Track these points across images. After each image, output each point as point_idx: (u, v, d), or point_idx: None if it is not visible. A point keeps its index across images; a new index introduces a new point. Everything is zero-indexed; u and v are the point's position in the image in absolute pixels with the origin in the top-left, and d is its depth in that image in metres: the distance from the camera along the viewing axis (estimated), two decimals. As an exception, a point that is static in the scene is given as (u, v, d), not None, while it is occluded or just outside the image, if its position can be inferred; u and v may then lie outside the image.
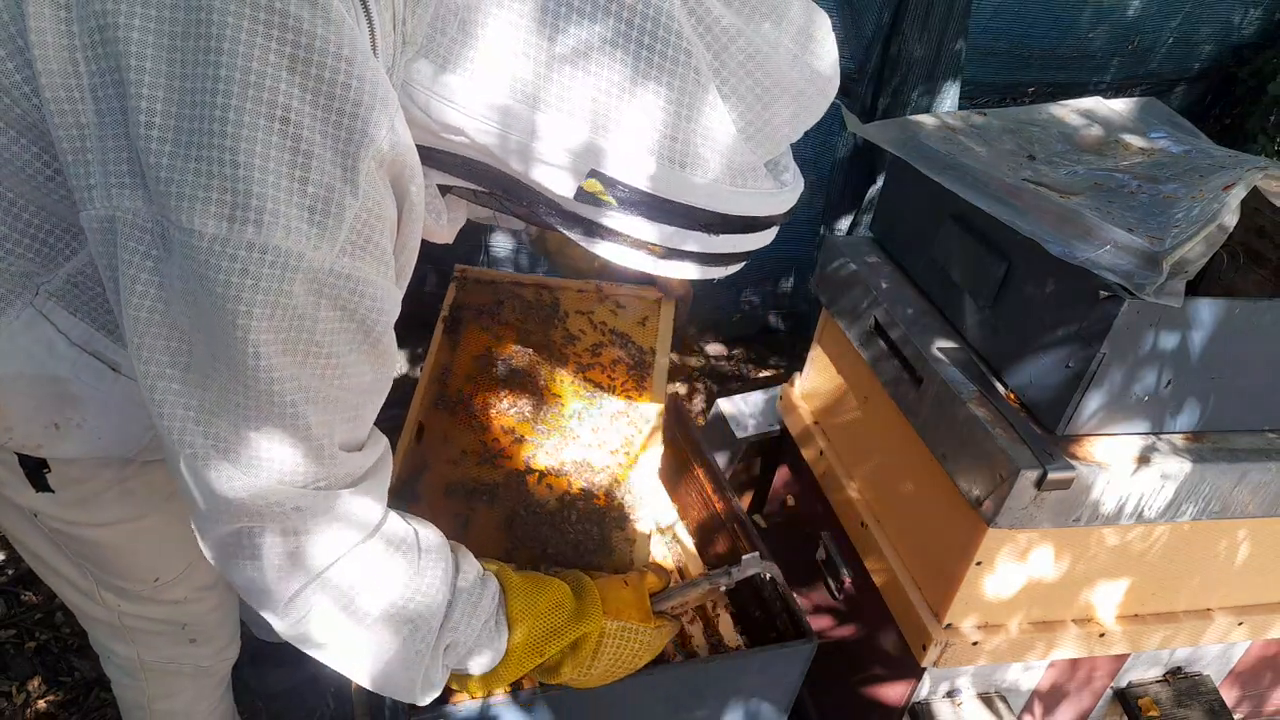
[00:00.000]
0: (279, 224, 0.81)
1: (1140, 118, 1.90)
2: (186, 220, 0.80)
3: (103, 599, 1.46)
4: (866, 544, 1.78)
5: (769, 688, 1.50)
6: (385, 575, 1.03)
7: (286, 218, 0.82)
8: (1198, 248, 1.35)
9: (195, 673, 1.64)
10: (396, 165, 0.89)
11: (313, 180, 0.82)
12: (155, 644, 1.56)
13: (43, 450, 1.18)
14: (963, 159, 1.57)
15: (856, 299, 1.80)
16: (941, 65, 2.75)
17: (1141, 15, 3.42)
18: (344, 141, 0.83)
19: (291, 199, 0.82)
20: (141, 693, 1.63)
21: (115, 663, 1.61)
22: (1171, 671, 1.88)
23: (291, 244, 0.82)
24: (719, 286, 3.39)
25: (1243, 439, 1.53)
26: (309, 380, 0.89)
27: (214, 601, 1.58)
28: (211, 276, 0.81)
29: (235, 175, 0.79)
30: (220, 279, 0.81)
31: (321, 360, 0.89)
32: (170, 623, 1.53)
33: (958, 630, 1.58)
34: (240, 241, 0.81)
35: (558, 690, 1.32)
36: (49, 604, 2.38)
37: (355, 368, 0.93)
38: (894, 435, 1.71)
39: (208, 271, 0.81)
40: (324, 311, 0.87)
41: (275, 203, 0.81)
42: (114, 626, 1.51)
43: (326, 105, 0.81)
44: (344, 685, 2.04)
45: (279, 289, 0.83)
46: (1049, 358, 1.44)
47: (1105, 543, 1.54)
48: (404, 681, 1.08)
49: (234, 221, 0.80)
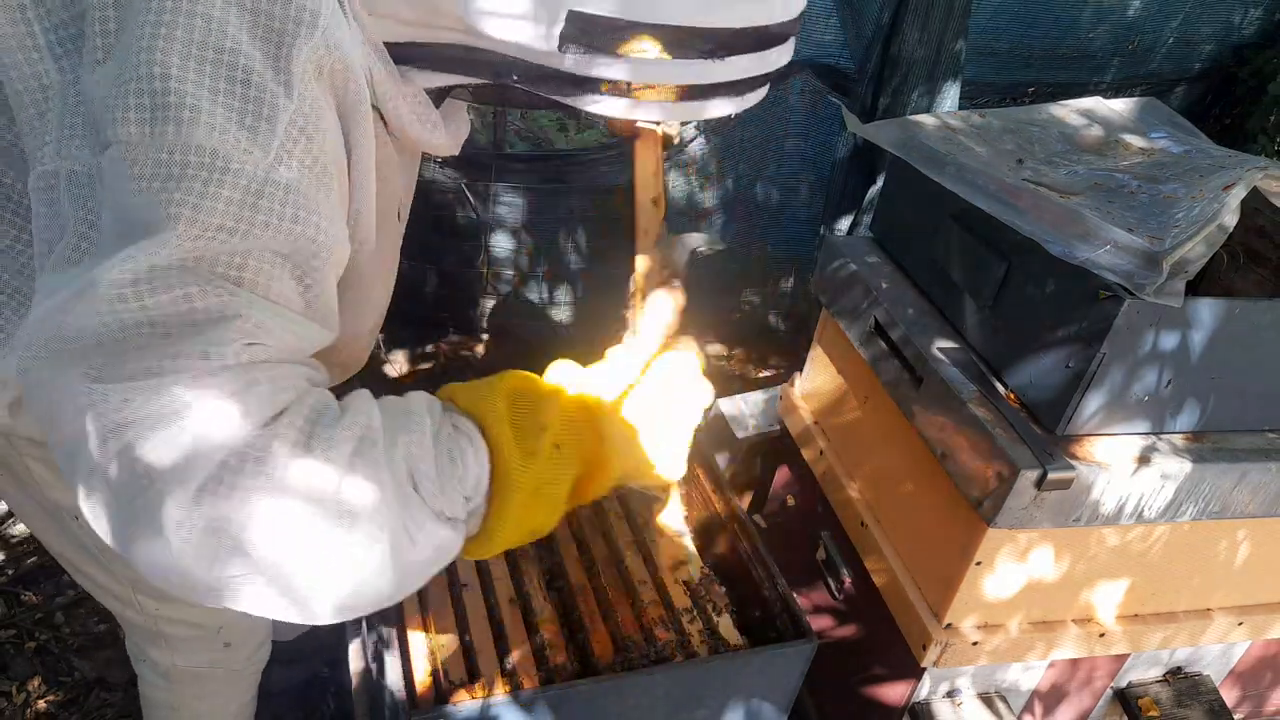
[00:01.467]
0: (200, 121, 0.76)
1: (1140, 118, 1.90)
2: (111, 134, 0.77)
3: (140, 603, 1.45)
4: (866, 544, 1.78)
5: (769, 688, 1.50)
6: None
7: (210, 115, 0.77)
8: (1198, 248, 1.35)
9: (227, 676, 1.64)
10: (339, 76, 0.84)
11: (240, 79, 0.78)
12: (190, 648, 1.55)
13: None
14: (963, 159, 1.57)
15: (856, 299, 1.80)
16: (941, 65, 2.75)
17: (1142, 15, 3.42)
18: (275, 38, 0.79)
19: (216, 98, 0.77)
20: (172, 695, 1.63)
21: (147, 664, 1.61)
22: (1171, 671, 1.88)
23: (217, 144, 0.77)
24: (719, 287, 3.40)
25: (1243, 439, 1.53)
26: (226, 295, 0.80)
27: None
28: (134, 188, 0.76)
29: (152, 74, 0.76)
30: (142, 186, 0.76)
31: (247, 277, 0.81)
32: (206, 626, 1.53)
33: (958, 630, 1.58)
34: (161, 143, 0.76)
35: (558, 690, 1.32)
36: (49, 604, 2.39)
37: (279, 293, 0.84)
38: (894, 435, 1.71)
39: (130, 182, 0.76)
40: (257, 228, 0.79)
41: (196, 99, 0.76)
42: (150, 631, 1.51)
43: (254, 5, 0.78)
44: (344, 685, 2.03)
45: (203, 191, 0.77)
46: (1049, 358, 1.44)
47: (1105, 543, 1.55)
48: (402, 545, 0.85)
49: (154, 123, 0.76)
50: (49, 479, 1.25)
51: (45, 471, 1.24)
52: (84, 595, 2.40)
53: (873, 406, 1.80)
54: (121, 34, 0.79)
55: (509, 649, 1.42)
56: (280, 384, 0.81)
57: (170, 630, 1.50)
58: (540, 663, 1.41)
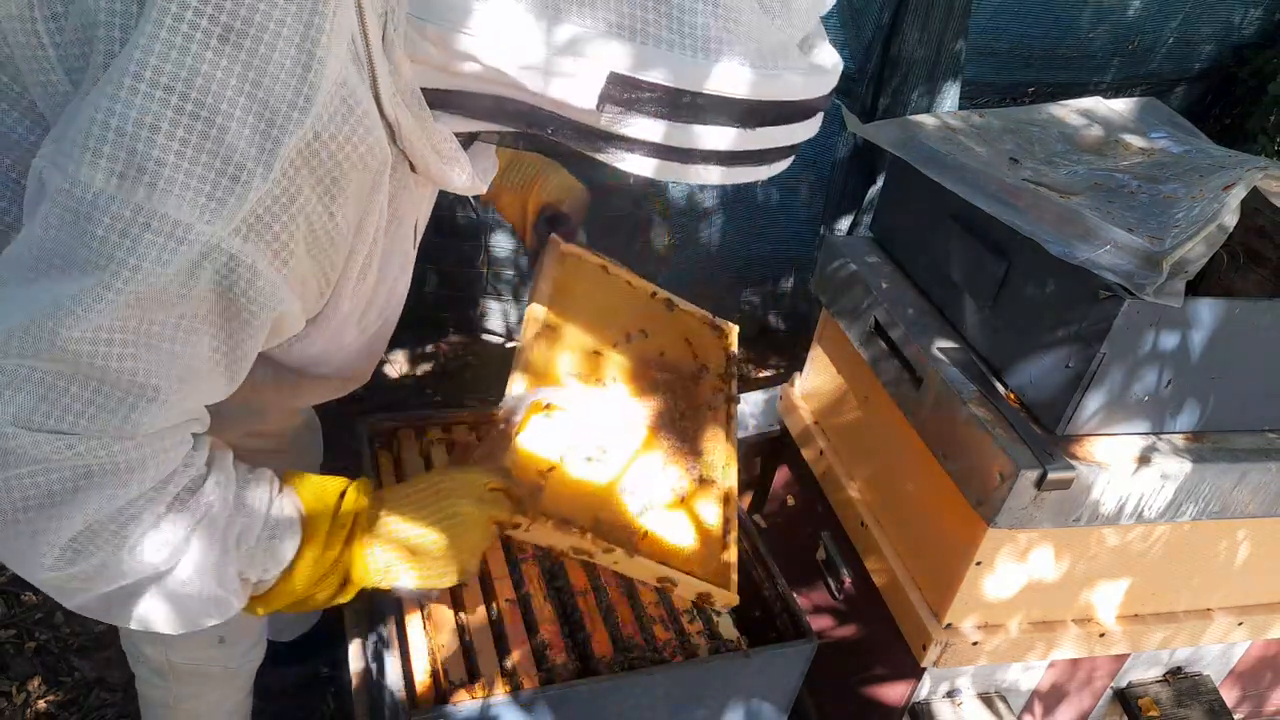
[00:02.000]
0: (173, 192, 0.79)
1: (1140, 118, 1.90)
2: (74, 170, 0.78)
3: None
4: (866, 544, 1.78)
5: (769, 688, 1.50)
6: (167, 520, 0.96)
7: (183, 186, 0.79)
8: (1198, 248, 1.35)
9: (223, 674, 1.64)
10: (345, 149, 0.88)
11: (222, 153, 0.80)
12: (185, 645, 1.56)
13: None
14: (963, 159, 1.57)
15: (856, 299, 1.80)
16: (941, 65, 2.75)
17: (1142, 15, 3.42)
18: (268, 121, 0.81)
19: (195, 168, 0.80)
20: (168, 692, 1.63)
21: (144, 662, 1.61)
22: (1172, 671, 1.88)
23: (182, 215, 0.80)
24: (719, 286, 3.40)
25: (1243, 439, 1.53)
26: (151, 355, 0.86)
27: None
28: (89, 232, 0.79)
29: (137, 134, 0.78)
30: (98, 235, 0.79)
31: (167, 336, 0.86)
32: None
33: (958, 630, 1.58)
34: (127, 201, 0.79)
35: (558, 690, 1.32)
36: (49, 604, 2.38)
37: (196, 348, 0.89)
38: (894, 435, 1.71)
39: (86, 226, 0.79)
40: (198, 288, 0.84)
41: (174, 170, 0.79)
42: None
43: (255, 83, 0.80)
44: (344, 685, 2.04)
45: (156, 257, 0.80)
46: (1049, 358, 1.44)
47: (1105, 543, 1.55)
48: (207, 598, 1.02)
49: (124, 179, 0.78)
50: None
51: None
52: (84, 595, 2.39)
53: (873, 406, 1.80)
54: (113, 44, 0.80)
55: (509, 649, 1.42)
56: (168, 455, 0.94)
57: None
58: (540, 663, 1.41)
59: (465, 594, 1.51)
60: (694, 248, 3.24)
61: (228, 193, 0.81)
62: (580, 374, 1.50)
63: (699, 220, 3.20)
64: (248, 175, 0.82)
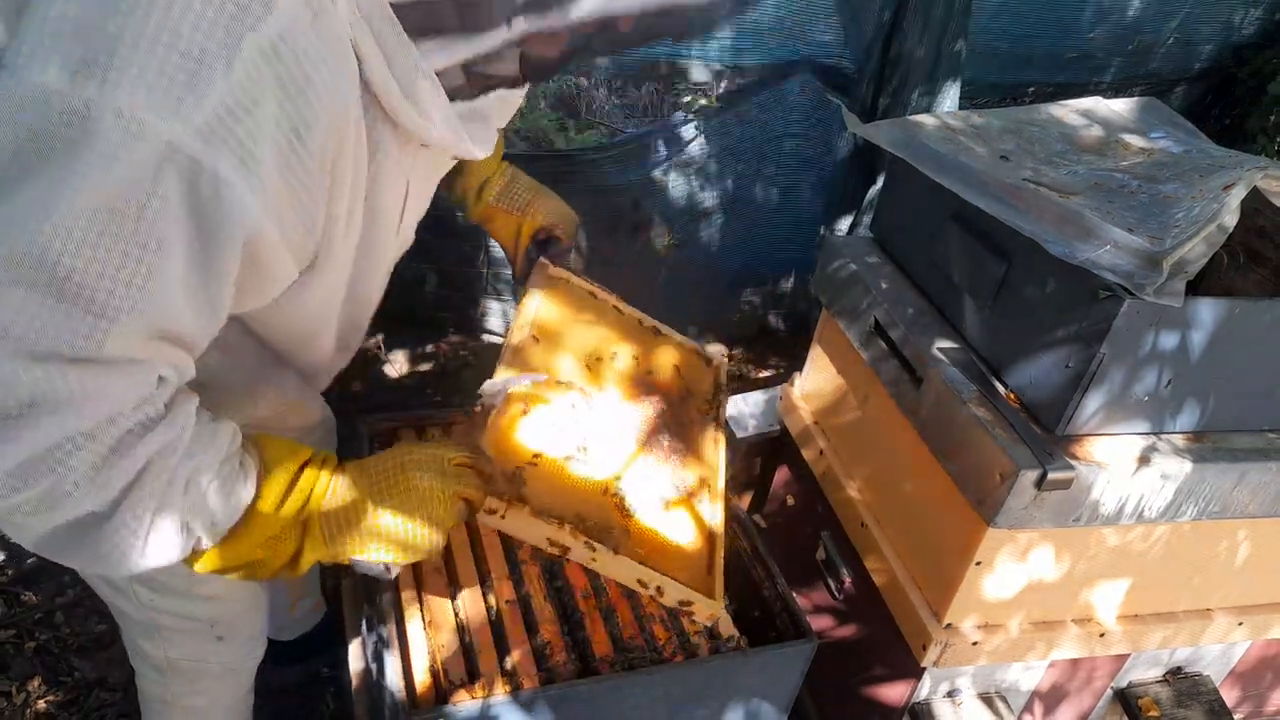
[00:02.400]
0: (124, 84, 0.78)
1: (1140, 118, 1.90)
2: (27, 72, 0.77)
3: (135, 593, 1.45)
4: (866, 544, 1.78)
5: (769, 688, 1.50)
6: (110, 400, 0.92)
7: (135, 80, 0.78)
8: (1198, 248, 1.35)
9: (221, 671, 1.65)
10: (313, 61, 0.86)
11: (180, 48, 0.79)
12: (183, 641, 1.56)
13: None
14: (963, 159, 1.57)
15: (856, 299, 1.80)
16: (941, 66, 2.75)
17: (1141, 15, 3.42)
18: (230, 16, 0.81)
19: (150, 61, 0.78)
20: (167, 689, 1.64)
21: (142, 658, 1.61)
22: (1172, 671, 1.88)
23: (137, 110, 0.78)
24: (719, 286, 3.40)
25: (1243, 439, 1.53)
26: (118, 267, 0.83)
27: (245, 600, 1.59)
28: (44, 130, 0.77)
29: (88, 28, 0.77)
30: (50, 132, 0.77)
31: (136, 245, 0.83)
32: (200, 619, 1.54)
33: (958, 630, 1.58)
34: (80, 97, 0.77)
35: (558, 690, 1.32)
36: (49, 604, 2.39)
37: (169, 261, 0.86)
38: (894, 435, 1.71)
39: (40, 124, 0.77)
40: (163, 193, 0.81)
41: (129, 62, 0.77)
42: (144, 624, 1.51)
43: None
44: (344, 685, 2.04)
45: (112, 153, 0.78)
46: (1049, 358, 1.44)
47: (1105, 543, 1.55)
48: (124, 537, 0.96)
49: (76, 75, 0.77)
50: None
51: None
52: (84, 595, 2.40)
53: (873, 406, 1.81)
54: None
55: (509, 649, 1.42)
56: (127, 389, 0.91)
57: (163, 622, 1.51)
58: (540, 663, 1.41)
59: (465, 594, 1.51)
60: (694, 248, 3.24)
61: (186, 89, 0.80)
62: (565, 382, 1.49)
63: (699, 220, 3.20)
64: (207, 71, 0.80)
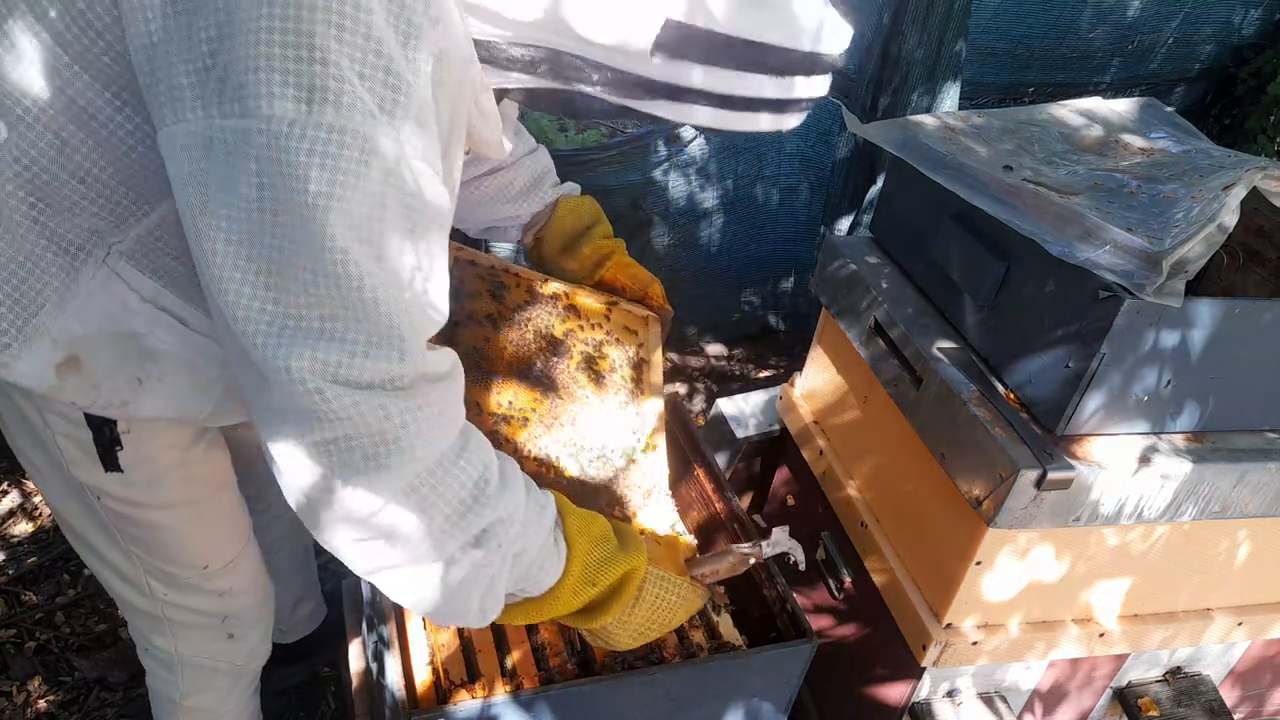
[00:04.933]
0: (358, 107, 0.83)
1: (1140, 118, 1.90)
2: (266, 108, 0.81)
3: (149, 588, 1.47)
4: (866, 544, 1.78)
5: (769, 688, 1.50)
6: (469, 481, 1.01)
7: (364, 101, 0.84)
8: (1197, 248, 1.35)
9: (229, 670, 1.65)
10: (456, 66, 0.93)
11: (382, 66, 0.85)
12: (194, 638, 1.57)
13: (128, 408, 1.20)
14: (963, 159, 1.57)
15: (856, 299, 1.80)
16: (941, 66, 2.75)
17: (1141, 16, 3.42)
18: (404, 29, 0.86)
19: (362, 83, 0.84)
20: (175, 687, 1.64)
21: (152, 654, 1.62)
22: (1171, 671, 1.88)
23: (369, 128, 0.84)
24: (719, 286, 3.40)
25: (1242, 439, 1.53)
26: (386, 273, 0.89)
27: (256, 596, 1.61)
28: (290, 162, 0.82)
29: (312, 58, 0.81)
30: (300, 161, 0.82)
31: (394, 249, 0.90)
32: (212, 614, 1.55)
33: (957, 630, 1.58)
34: (320, 124, 0.82)
35: (558, 690, 1.32)
36: (49, 604, 2.39)
37: (404, 258, 0.94)
38: (894, 435, 1.71)
39: (285, 156, 0.82)
40: (390, 199, 0.88)
41: (352, 85, 0.83)
42: (156, 618, 1.52)
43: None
44: (345, 685, 2.04)
45: (358, 172, 0.84)
46: (1049, 357, 1.44)
47: (1105, 543, 1.55)
48: (467, 602, 1.06)
49: (311, 104, 0.82)
50: (77, 457, 1.27)
51: (75, 450, 1.26)
52: (84, 595, 2.40)
53: (873, 406, 1.81)
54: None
55: (509, 649, 1.42)
56: (451, 410, 1.01)
57: (176, 616, 1.52)
58: (540, 663, 1.41)
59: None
60: (694, 248, 3.24)
61: (393, 103, 0.86)
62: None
63: (699, 220, 3.20)
64: (405, 85, 0.86)
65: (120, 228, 1.08)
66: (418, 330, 0.94)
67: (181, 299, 1.15)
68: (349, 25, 0.82)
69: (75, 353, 1.13)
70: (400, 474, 0.93)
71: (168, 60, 0.86)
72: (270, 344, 0.87)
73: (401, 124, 0.87)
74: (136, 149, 1.02)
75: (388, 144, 0.86)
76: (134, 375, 1.17)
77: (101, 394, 1.17)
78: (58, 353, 1.12)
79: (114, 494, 1.32)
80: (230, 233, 0.85)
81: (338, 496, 0.92)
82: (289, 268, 0.85)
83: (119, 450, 1.27)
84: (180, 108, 0.86)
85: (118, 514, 1.36)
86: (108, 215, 1.07)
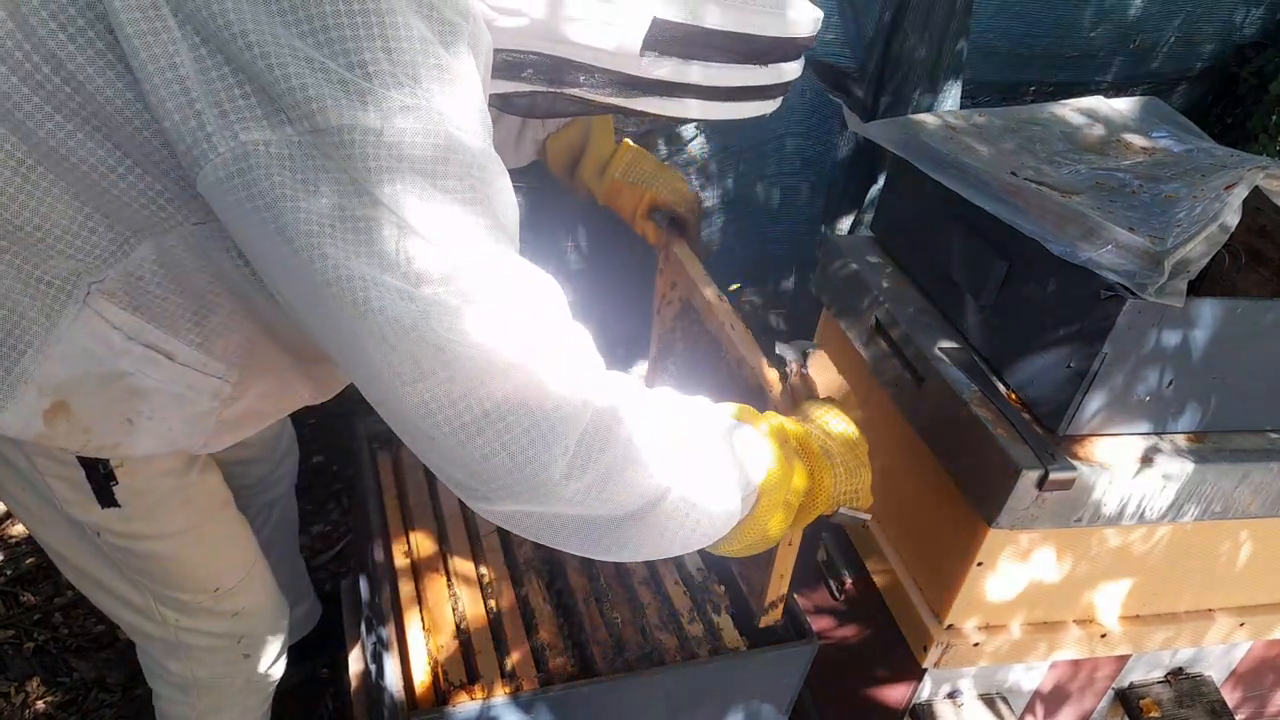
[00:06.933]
0: (433, 103, 0.86)
1: (1142, 117, 1.89)
2: (335, 119, 0.83)
3: (161, 615, 1.45)
4: (867, 544, 1.78)
5: (769, 689, 1.49)
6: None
7: (437, 99, 0.86)
8: (1199, 247, 1.34)
9: (245, 687, 1.63)
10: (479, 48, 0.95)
11: (440, 58, 0.87)
12: (210, 659, 1.55)
13: (120, 449, 1.18)
14: (964, 158, 1.56)
15: (857, 299, 1.79)
16: (943, 65, 2.74)
17: (1143, 15, 3.42)
18: (442, 31, 0.88)
19: (431, 83, 0.86)
20: (191, 709, 1.62)
21: (167, 680, 1.59)
22: (1173, 672, 1.87)
23: (436, 124, 0.86)
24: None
25: (1245, 439, 1.53)
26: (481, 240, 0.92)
27: (270, 612, 1.58)
28: (368, 168, 0.84)
29: (390, 55, 0.84)
30: (371, 166, 0.84)
31: (467, 228, 0.91)
32: (228, 636, 1.53)
33: (959, 631, 1.58)
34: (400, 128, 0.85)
35: (558, 691, 1.31)
36: (47, 605, 2.38)
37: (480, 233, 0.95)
38: (894, 435, 1.70)
39: (367, 163, 0.84)
40: (451, 181, 0.89)
41: (428, 84, 0.86)
42: (170, 643, 1.50)
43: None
44: (343, 686, 2.03)
45: (433, 170, 0.86)
46: (1050, 357, 1.44)
47: (1107, 543, 1.54)
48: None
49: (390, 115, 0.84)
50: (71, 497, 1.25)
51: (67, 490, 1.24)
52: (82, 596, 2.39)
53: (873, 406, 1.80)
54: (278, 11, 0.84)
55: (508, 650, 1.42)
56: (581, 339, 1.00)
57: (191, 641, 1.50)
58: (540, 664, 1.40)
59: (465, 595, 1.51)
60: (694, 248, 3.24)
61: (451, 94, 0.88)
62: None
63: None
64: (457, 76, 0.89)
65: (98, 267, 1.05)
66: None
67: (167, 332, 1.11)
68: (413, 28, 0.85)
69: (62, 398, 1.10)
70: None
71: (209, 90, 0.85)
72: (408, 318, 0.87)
73: (465, 110, 0.89)
74: (118, 185, 0.98)
75: (466, 139, 0.89)
76: (124, 416, 1.15)
77: (94, 438, 1.15)
78: (44, 399, 1.09)
79: (115, 529, 1.30)
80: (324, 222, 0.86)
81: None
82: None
83: (114, 486, 1.24)
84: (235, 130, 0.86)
85: (120, 548, 1.34)
86: (84, 255, 1.03)
